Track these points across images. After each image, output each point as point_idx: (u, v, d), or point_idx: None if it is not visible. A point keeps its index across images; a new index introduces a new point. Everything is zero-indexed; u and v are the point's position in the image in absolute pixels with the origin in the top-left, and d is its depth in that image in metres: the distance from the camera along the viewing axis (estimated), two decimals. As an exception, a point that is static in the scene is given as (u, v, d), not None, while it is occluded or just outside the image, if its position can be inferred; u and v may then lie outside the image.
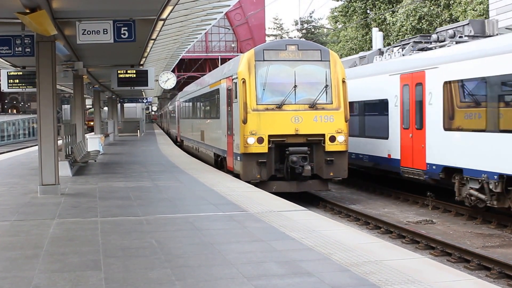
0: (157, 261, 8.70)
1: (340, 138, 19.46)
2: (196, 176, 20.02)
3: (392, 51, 22.66)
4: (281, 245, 9.61)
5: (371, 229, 16.72)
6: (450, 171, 17.67)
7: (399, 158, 20.40)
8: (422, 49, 20.66)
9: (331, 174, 19.67)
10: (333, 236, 10.20)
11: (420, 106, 19.22)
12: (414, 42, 21.71)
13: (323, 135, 19.40)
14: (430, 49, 20.04)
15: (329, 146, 19.42)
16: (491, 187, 15.73)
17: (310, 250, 9.27)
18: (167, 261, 8.72)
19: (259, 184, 18.88)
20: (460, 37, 19.46)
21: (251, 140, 19.13)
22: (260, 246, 9.63)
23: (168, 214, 12.78)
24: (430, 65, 18.67)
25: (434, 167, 18.34)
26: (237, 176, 19.82)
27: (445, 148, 17.77)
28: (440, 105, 18.01)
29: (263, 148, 19.19)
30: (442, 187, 19.55)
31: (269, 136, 19.19)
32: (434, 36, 20.75)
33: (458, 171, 17.18)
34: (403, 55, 21.46)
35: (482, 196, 16.18)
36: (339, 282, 7.53)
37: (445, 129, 17.77)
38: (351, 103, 22.40)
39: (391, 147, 20.96)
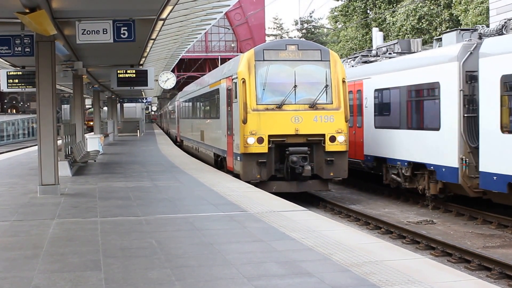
0: (157, 261, 8.68)
1: (340, 138, 19.44)
2: (196, 176, 20.00)
3: (347, 61, 26.55)
4: (281, 245, 9.59)
5: (372, 229, 16.71)
6: (380, 161, 21.84)
7: None
8: (365, 62, 24.84)
9: (331, 174, 19.64)
10: (333, 236, 10.18)
11: (359, 108, 23.58)
12: (361, 55, 25.83)
13: (323, 135, 19.38)
14: (368, 62, 24.52)
15: (329, 146, 19.39)
16: (403, 172, 20.06)
17: (310, 250, 9.25)
18: (167, 261, 8.70)
19: (259, 184, 18.85)
20: (389, 53, 23.46)
21: (251, 140, 19.10)
22: (260, 246, 9.61)
23: (168, 214, 12.76)
24: (366, 76, 23.12)
25: (369, 157, 22.66)
26: (237, 176, 19.80)
27: (376, 142, 22.07)
28: (372, 108, 22.50)
29: (263, 148, 19.17)
30: (377, 174, 22.81)
31: (269, 136, 19.17)
32: (373, 52, 25.23)
33: (384, 160, 21.42)
34: (352, 66, 25.43)
35: (399, 179, 20.48)
36: (340, 283, 7.51)
37: (376, 127, 22.15)
38: None
39: None
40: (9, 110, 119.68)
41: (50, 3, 14.10)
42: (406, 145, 19.99)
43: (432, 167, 18.36)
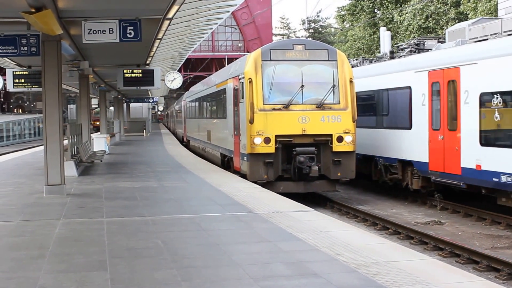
0: (163, 262, 8.64)
1: (348, 138, 19.35)
2: (202, 176, 19.95)
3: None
4: (288, 246, 9.53)
5: (379, 230, 16.62)
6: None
7: None
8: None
9: (339, 174, 19.56)
10: (340, 237, 10.11)
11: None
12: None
13: (331, 135, 19.29)
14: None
15: (337, 147, 19.31)
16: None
17: (317, 251, 9.19)
18: (173, 261, 8.65)
19: (266, 184, 18.78)
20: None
21: (258, 140, 19.04)
22: (267, 246, 9.56)
23: (174, 215, 12.71)
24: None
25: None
26: (244, 176, 19.74)
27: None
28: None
29: (270, 148, 19.10)
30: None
31: (276, 136, 19.10)
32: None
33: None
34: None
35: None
36: (346, 283, 7.45)
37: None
38: None
39: None
40: (15, 110, 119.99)
41: (56, 3, 14.07)
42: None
43: None
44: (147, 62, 26.24)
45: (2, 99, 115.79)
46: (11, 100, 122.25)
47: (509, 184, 15.33)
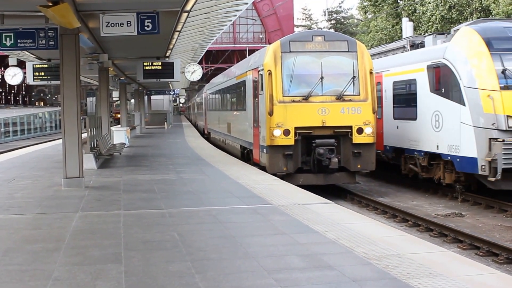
0: (178, 254, 8.63)
1: (368, 130, 19.23)
2: (221, 168, 19.92)
3: None
4: (304, 238, 9.49)
5: (399, 222, 16.50)
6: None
7: None
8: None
9: (359, 166, 19.45)
10: (357, 229, 10.05)
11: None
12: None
13: (350, 127, 19.19)
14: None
15: (357, 138, 19.20)
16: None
17: (333, 243, 9.14)
18: (188, 254, 8.64)
19: (286, 176, 18.72)
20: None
21: (277, 132, 18.98)
22: (283, 239, 9.52)
23: (191, 207, 12.70)
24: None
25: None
26: (263, 168, 19.70)
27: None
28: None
29: (290, 140, 19.04)
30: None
31: (296, 128, 19.02)
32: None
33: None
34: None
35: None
36: (360, 276, 7.40)
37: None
38: None
39: None
40: (36, 102, 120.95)
41: (73, -4, 14.10)
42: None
43: None
44: (167, 54, 26.23)
45: (23, 93, 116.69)
46: (33, 93, 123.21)
47: None
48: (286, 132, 19.00)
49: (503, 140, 16.28)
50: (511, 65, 17.11)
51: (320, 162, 18.97)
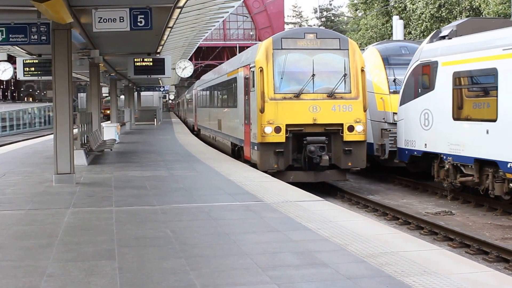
0: (172, 251, 8.63)
1: (359, 127, 19.29)
2: (212, 165, 19.91)
3: None
4: (297, 236, 9.50)
5: (389, 220, 16.54)
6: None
7: None
8: None
9: (349, 164, 19.51)
10: (349, 227, 10.07)
11: None
12: None
13: (342, 125, 19.23)
14: None
15: (348, 136, 19.25)
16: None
17: (326, 240, 9.16)
18: (181, 251, 8.64)
19: (276, 174, 18.74)
20: None
21: (268, 130, 19.00)
22: (276, 236, 9.53)
23: (183, 204, 12.71)
24: None
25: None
26: (254, 165, 19.70)
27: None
28: None
29: (281, 137, 19.05)
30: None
31: (287, 125, 19.05)
32: None
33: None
34: None
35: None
36: (355, 273, 7.42)
37: None
38: None
39: None
40: (25, 98, 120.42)
41: (66, -9, 14.02)
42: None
43: None
44: (158, 50, 26.17)
45: (12, 88, 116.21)
46: (22, 89, 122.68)
47: None
48: (277, 129, 19.02)
49: (390, 130, 21.30)
50: (400, 75, 21.32)
51: (311, 159, 19.00)
